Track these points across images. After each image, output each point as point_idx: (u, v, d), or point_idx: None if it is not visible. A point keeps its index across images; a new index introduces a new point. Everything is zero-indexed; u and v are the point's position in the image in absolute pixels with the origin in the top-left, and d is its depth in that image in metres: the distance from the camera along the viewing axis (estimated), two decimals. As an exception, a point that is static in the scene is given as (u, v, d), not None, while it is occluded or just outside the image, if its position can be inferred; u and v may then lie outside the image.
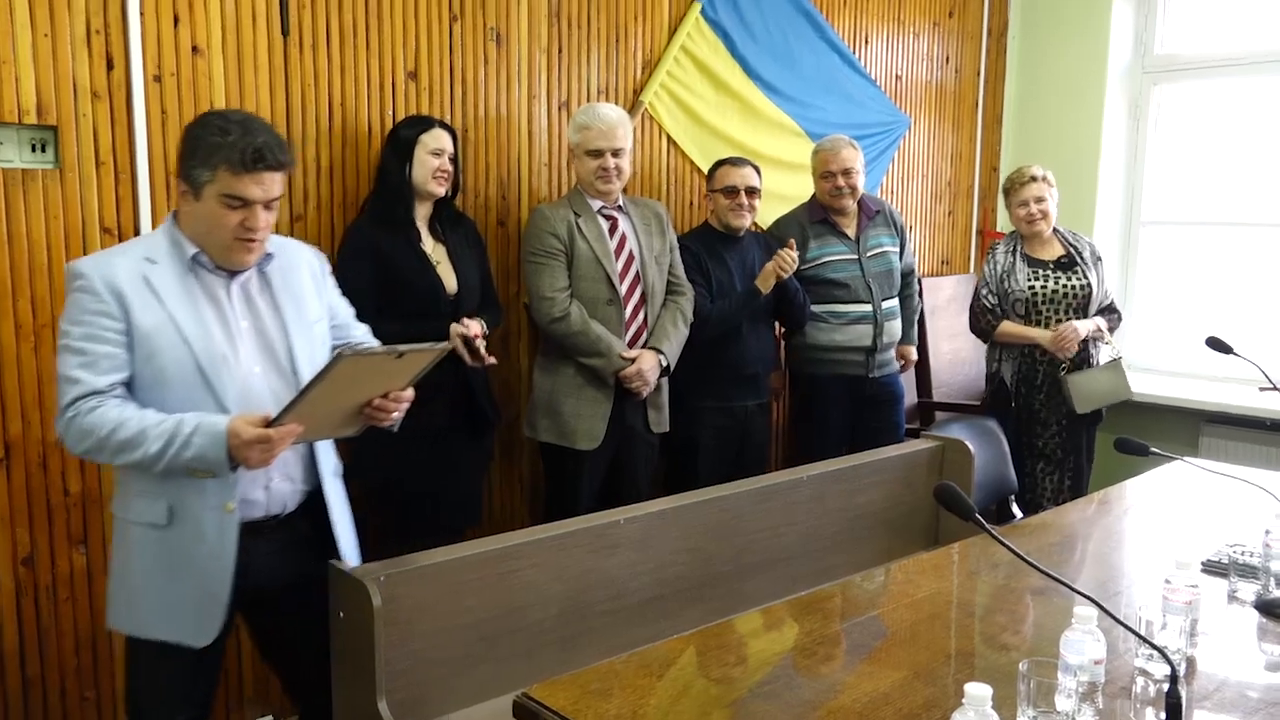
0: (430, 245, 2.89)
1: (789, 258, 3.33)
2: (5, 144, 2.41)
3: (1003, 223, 5.14)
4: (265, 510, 1.97)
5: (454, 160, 2.90)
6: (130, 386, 1.85)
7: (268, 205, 1.88)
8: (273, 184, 1.87)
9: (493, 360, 2.88)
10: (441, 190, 2.87)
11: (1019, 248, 3.74)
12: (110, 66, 2.53)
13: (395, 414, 1.98)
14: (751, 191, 3.41)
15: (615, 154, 3.09)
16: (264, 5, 2.76)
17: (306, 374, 1.94)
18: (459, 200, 3.07)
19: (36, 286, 2.47)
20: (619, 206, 3.20)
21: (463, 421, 2.93)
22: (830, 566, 2.85)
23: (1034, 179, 3.69)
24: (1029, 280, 3.67)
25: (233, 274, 1.94)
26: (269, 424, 1.78)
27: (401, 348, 1.84)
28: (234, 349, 1.91)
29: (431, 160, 2.83)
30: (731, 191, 3.40)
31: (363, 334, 2.22)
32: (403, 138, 2.85)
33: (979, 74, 4.99)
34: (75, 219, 2.51)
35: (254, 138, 1.82)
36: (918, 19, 4.66)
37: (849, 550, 2.96)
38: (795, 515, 2.82)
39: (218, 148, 1.81)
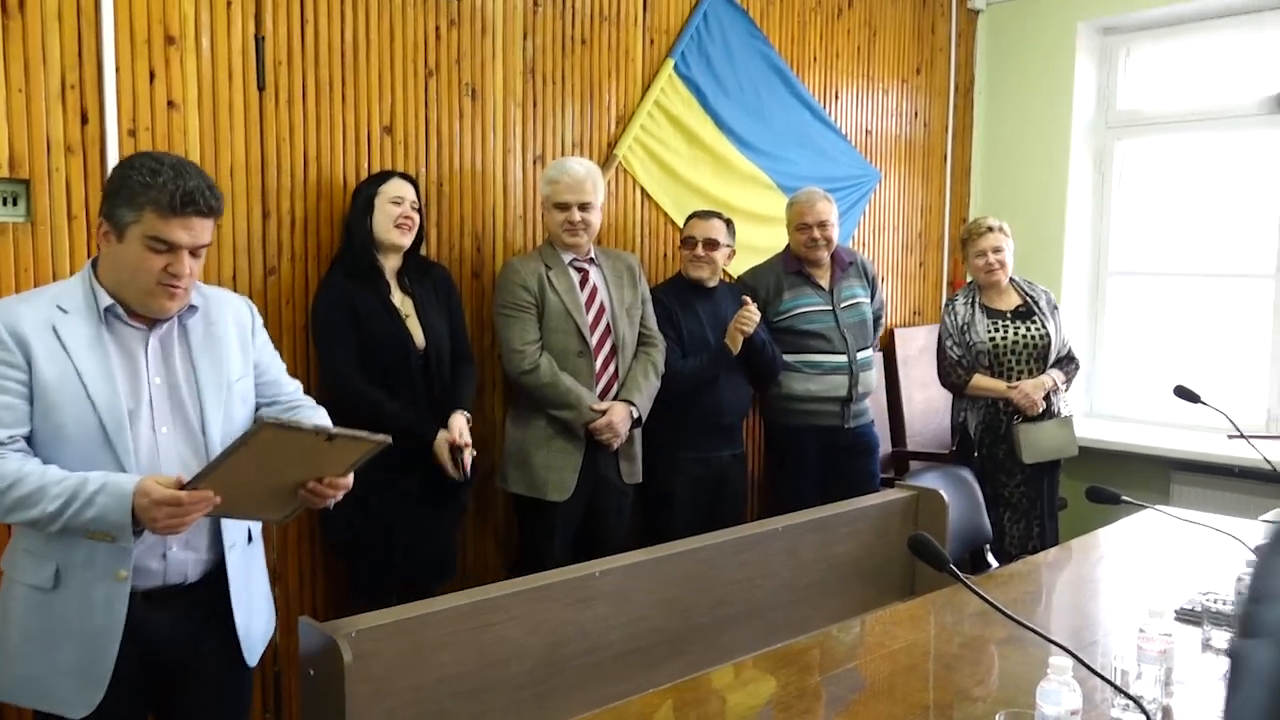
0: (399, 299, 2.88)
1: (748, 316, 3.36)
2: (-24, 197, 2.41)
3: (973, 273, 5.22)
4: (163, 579, 1.83)
5: (418, 208, 2.90)
6: (30, 441, 1.74)
7: (194, 252, 1.78)
8: (202, 230, 1.77)
9: (464, 478, 2.84)
10: (405, 239, 2.86)
11: (976, 299, 3.79)
12: (85, 121, 2.53)
13: (331, 500, 1.85)
14: (711, 244, 3.43)
15: (582, 208, 3.11)
16: (240, 60, 2.78)
17: (217, 437, 1.84)
18: (432, 251, 3.08)
19: (5, 340, 2.44)
20: (590, 259, 3.22)
21: (438, 482, 2.88)
22: (806, 617, 2.83)
23: (990, 229, 3.75)
24: (989, 331, 3.72)
25: (151, 326, 1.83)
26: (182, 488, 1.66)
27: (333, 430, 1.74)
28: (141, 407, 1.79)
29: (392, 209, 2.83)
30: (691, 243, 3.44)
31: (294, 390, 2.09)
32: (363, 194, 2.86)
33: (947, 129, 5.09)
34: (46, 272, 2.49)
35: (185, 180, 1.73)
36: (886, 76, 4.75)
37: (825, 601, 2.95)
38: (771, 566, 2.81)
39: (146, 188, 1.71)
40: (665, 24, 3.81)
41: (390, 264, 2.89)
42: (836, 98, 4.52)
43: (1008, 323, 3.74)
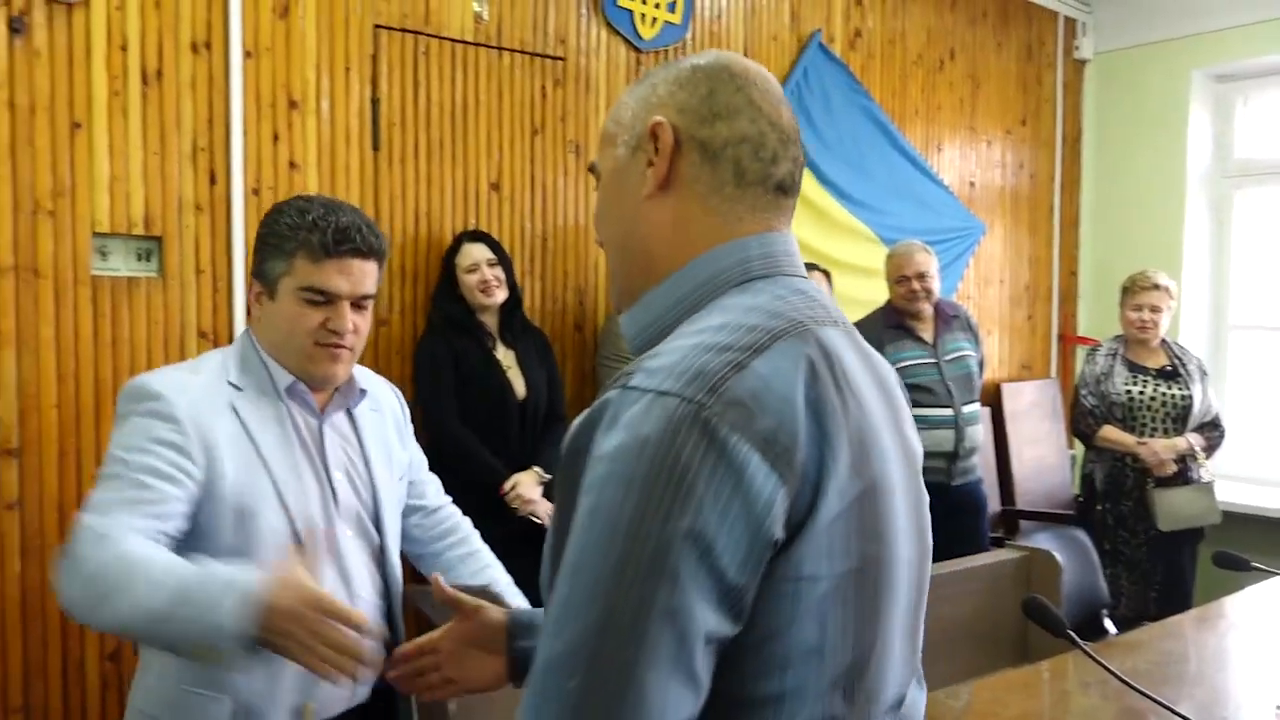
0: (502, 352, 2.96)
1: None
2: (114, 254, 2.55)
3: (1084, 327, 5.07)
4: (346, 703, 1.51)
5: (497, 263, 2.93)
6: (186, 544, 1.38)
7: (357, 304, 1.51)
8: (362, 275, 1.50)
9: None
10: (490, 299, 2.91)
11: (1121, 352, 3.72)
12: (213, 181, 2.67)
13: None
14: None
15: None
16: (357, 124, 2.90)
17: (393, 545, 1.61)
18: (535, 306, 3.14)
19: (134, 388, 2.56)
20: (694, 311, 3.23)
21: (526, 530, 2.78)
22: (913, 681, 2.75)
23: (1156, 287, 3.70)
24: (1126, 385, 3.64)
25: (325, 411, 1.57)
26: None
27: None
28: (328, 507, 1.52)
29: (468, 278, 2.91)
30: None
31: (435, 491, 1.84)
32: (447, 261, 2.96)
33: (1054, 180, 4.99)
34: (175, 324, 2.62)
35: (338, 216, 1.48)
36: (990, 127, 4.69)
37: (932, 664, 2.84)
38: (875, 626, 2.74)
39: (295, 230, 1.46)
40: (766, 80, 3.84)
41: (489, 319, 2.97)
42: (939, 150, 4.48)
43: (1149, 379, 3.65)
